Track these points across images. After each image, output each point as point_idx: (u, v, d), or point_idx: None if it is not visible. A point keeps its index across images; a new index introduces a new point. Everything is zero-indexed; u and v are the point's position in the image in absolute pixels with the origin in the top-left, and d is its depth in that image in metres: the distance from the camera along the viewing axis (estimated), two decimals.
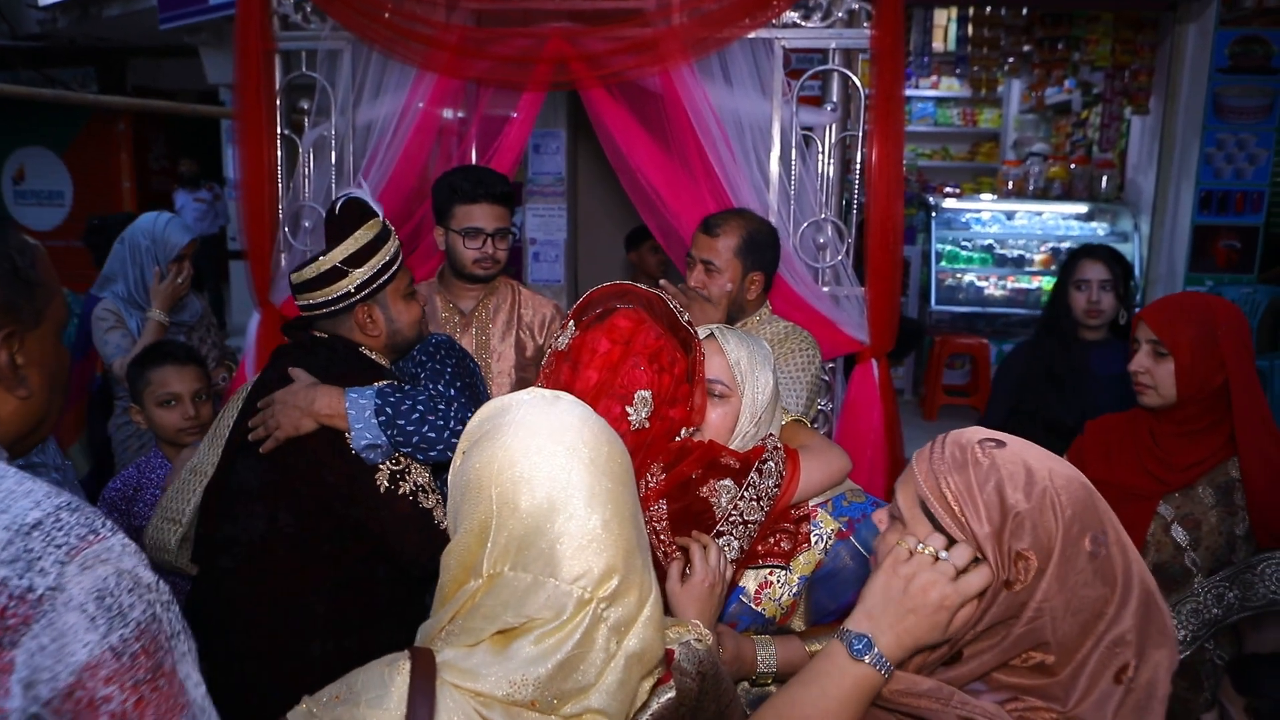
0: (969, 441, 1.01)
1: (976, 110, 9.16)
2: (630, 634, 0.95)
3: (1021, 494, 0.94)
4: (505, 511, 0.94)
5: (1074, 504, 0.95)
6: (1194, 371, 1.79)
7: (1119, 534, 0.97)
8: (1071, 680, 0.92)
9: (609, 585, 0.93)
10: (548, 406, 1.01)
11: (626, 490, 0.99)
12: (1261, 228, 5.61)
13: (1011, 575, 0.93)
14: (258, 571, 1.78)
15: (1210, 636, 1.82)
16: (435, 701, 0.90)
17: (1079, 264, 2.67)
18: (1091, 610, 0.93)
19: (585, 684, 0.92)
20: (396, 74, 2.97)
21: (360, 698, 0.93)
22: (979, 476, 0.96)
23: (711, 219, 2.29)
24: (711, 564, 1.33)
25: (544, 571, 0.92)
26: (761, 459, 1.41)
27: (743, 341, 1.54)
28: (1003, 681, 0.96)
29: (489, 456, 0.97)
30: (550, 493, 0.94)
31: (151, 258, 3.12)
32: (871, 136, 2.74)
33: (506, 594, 0.93)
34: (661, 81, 2.76)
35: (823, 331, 2.77)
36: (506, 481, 0.95)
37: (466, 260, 2.49)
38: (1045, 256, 6.58)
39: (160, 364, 2.40)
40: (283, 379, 1.85)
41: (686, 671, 1.02)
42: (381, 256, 1.92)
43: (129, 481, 2.38)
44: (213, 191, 9.36)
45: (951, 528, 0.97)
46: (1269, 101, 5.46)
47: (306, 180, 3.10)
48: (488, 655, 0.93)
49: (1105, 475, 1.94)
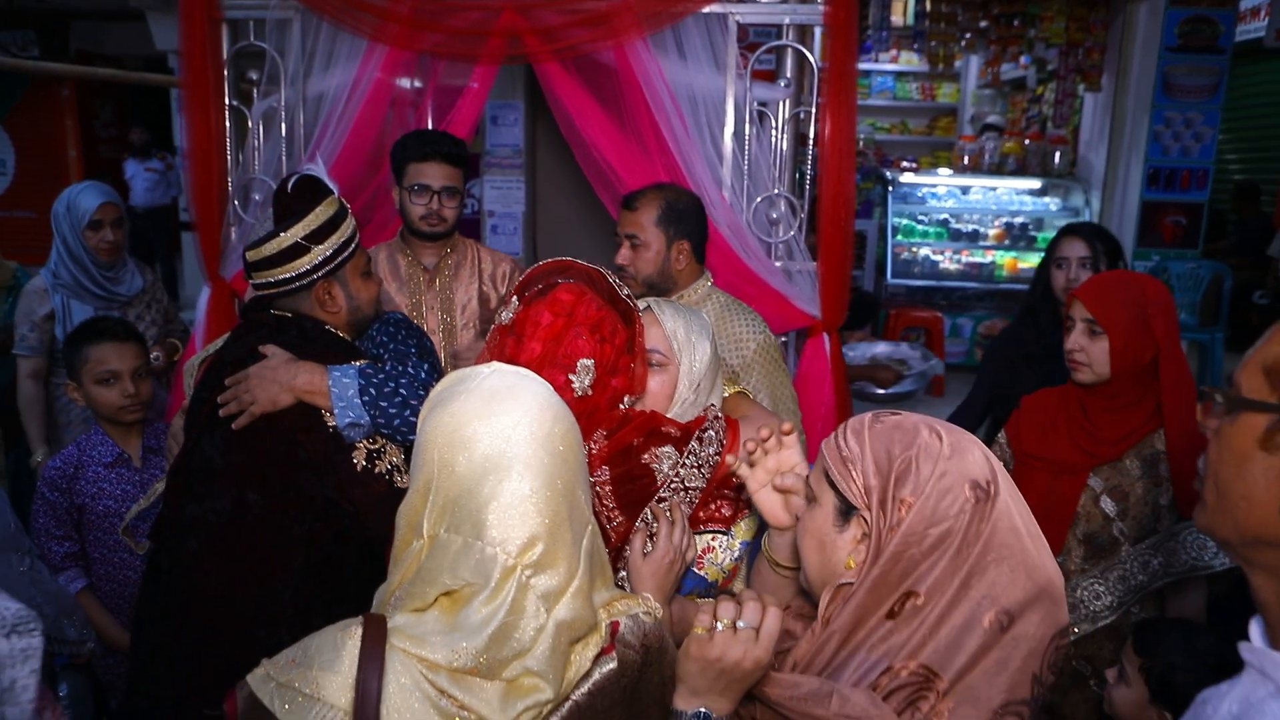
0: (866, 415, 1.10)
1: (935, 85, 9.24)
2: (560, 604, 0.98)
3: (903, 447, 1.02)
4: (444, 473, 0.98)
5: (957, 453, 1.01)
6: (1128, 349, 1.85)
7: (1014, 502, 1.01)
8: (940, 620, 0.96)
9: (532, 553, 0.96)
10: (504, 379, 1.05)
11: (565, 466, 1.02)
12: (1206, 205, 5.75)
13: (895, 520, 1.00)
14: (225, 554, 1.75)
15: (1136, 601, 1.90)
16: (384, 665, 0.94)
17: (1060, 241, 2.64)
18: (960, 552, 0.97)
19: (520, 650, 0.95)
20: (348, 44, 2.92)
21: (314, 661, 0.96)
22: (872, 438, 1.05)
23: (629, 195, 2.33)
24: (675, 541, 1.37)
25: (472, 534, 0.96)
26: (702, 428, 1.46)
27: (679, 313, 1.59)
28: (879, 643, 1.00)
29: (438, 420, 1.01)
30: (486, 458, 0.97)
31: (68, 225, 3.03)
32: (825, 111, 2.76)
33: (441, 556, 0.97)
34: (615, 56, 2.75)
35: (775, 306, 2.81)
36: (447, 445, 0.98)
37: (414, 216, 2.56)
38: (999, 231, 6.69)
39: (98, 341, 2.35)
40: (251, 356, 1.82)
41: (630, 644, 1.05)
42: (341, 234, 1.91)
43: (69, 460, 2.35)
44: (165, 161, 9.13)
45: (845, 486, 1.05)
46: (1215, 80, 5.57)
47: (256, 152, 3.05)
48: (436, 624, 0.97)
49: (1039, 450, 2.00)
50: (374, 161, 3.07)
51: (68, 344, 2.45)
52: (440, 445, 0.99)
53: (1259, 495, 0.80)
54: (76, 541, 2.35)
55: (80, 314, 3.02)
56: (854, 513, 1.05)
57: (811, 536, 1.10)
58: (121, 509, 2.33)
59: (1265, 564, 0.82)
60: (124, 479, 2.37)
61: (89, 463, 2.35)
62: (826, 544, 1.08)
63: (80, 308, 3.05)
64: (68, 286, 3.05)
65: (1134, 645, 1.63)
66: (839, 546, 1.06)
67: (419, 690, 0.94)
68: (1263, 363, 0.81)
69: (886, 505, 1.01)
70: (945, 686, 0.94)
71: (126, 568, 2.35)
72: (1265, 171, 7.71)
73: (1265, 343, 0.82)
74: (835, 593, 1.05)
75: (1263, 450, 0.79)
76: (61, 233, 3.04)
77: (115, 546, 2.34)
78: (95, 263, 3.05)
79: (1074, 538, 1.93)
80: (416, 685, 0.94)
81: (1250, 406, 0.80)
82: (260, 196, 3.00)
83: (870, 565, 1.00)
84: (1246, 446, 0.80)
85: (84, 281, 3.04)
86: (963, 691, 0.95)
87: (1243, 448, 0.80)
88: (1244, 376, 0.82)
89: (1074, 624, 1.92)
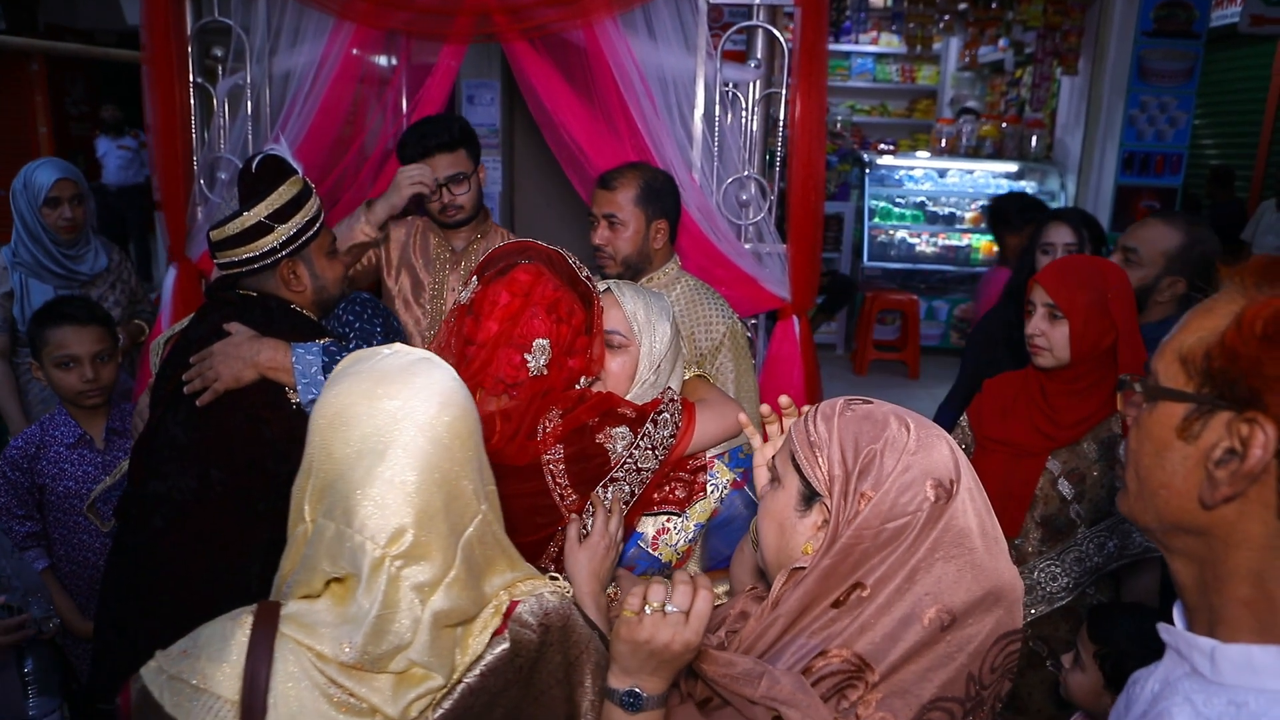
0: (839, 400, 1.08)
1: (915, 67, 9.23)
2: (436, 594, 0.95)
3: (870, 438, 1.00)
4: (322, 455, 0.95)
5: (923, 449, 0.99)
6: (1087, 334, 1.87)
7: (974, 501, 0.99)
8: (879, 612, 0.96)
9: (400, 543, 0.93)
10: (402, 360, 1.00)
11: (449, 455, 0.97)
12: (1180, 189, 5.79)
13: (853, 513, 0.98)
14: (190, 531, 1.75)
15: (1092, 583, 1.92)
16: (274, 654, 0.92)
17: (1045, 227, 2.65)
18: (911, 547, 0.96)
19: (400, 644, 0.93)
20: (315, 21, 2.88)
21: (203, 651, 0.94)
22: (841, 425, 1.03)
23: (606, 174, 2.32)
24: (611, 530, 1.39)
25: (343, 520, 0.93)
26: (657, 410, 1.47)
27: (639, 294, 1.59)
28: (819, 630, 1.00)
29: (325, 399, 0.97)
30: (363, 440, 0.93)
31: (25, 203, 2.96)
32: (795, 93, 2.75)
33: (319, 543, 0.94)
34: (585, 35, 2.73)
35: (745, 289, 2.81)
36: (329, 425, 0.95)
37: (433, 211, 2.60)
38: (975, 214, 6.71)
39: (58, 324, 2.31)
40: (215, 334, 1.83)
41: (527, 623, 1.03)
42: (305, 213, 1.91)
43: (31, 440, 2.32)
44: (138, 139, 8.99)
45: (810, 471, 1.04)
46: (1190, 65, 5.60)
47: (222, 131, 3.01)
48: (327, 614, 0.94)
49: (1000, 434, 2.02)
50: (342, 140, 3.04)
51: (31, 324, 2.42)
52: (322, 426, 0.95)
53: (1177, 484, 0.80)
54: (38, 521, 2.34)
55: (39, 293, 2.96)
56: (817, 498, 1.04)
57: (772, 519, 1.09)
58: (83, 490, 2.31)
59: (1183, 549, 0.83)
60: (86, 460, 2.34)
61: (51, 442, 2.33)
62: (786, 527, 1.07)
63: (39, 287, 2.99)
64: (26, 265, 2.98)
65: (1089, 631, 1.65)
66: (798, 531, 1.05)
67: (308, 679, 0.92)
68: (1178, 351, 0.80)
69: (848, 496, 0.99)
70: (875, 679, 0.94)
71: (87, 550, 2.33)
72: (1239, 157, 7.77)
73: (1180, 330, 0.82)
74: (789, 576, 1.05)
75: (1180, 439, 0.79)
76: (19, 210, 2.97)
77: (75, 528, 2.32)
78: (54, 241, 2.98)
79: (1032, 520, 1.95)
80: (306, 674, 0.92)
81: (1167, 395, 0.80)
82: (226, 176, 2.97)
83: (823, 554, 1.00)
84: (1165, 435, 0.80)
85: (42, 260, 2.98)
86: (894, 684, 0.94)
87: (1161, 436, 0.81)
88: (1161, 364, 0.82)
89: (1030, 605, 1.94)
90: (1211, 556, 0.80)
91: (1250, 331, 0.74)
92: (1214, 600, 0.80)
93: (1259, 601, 0.77)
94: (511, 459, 1.40)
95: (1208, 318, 0.79)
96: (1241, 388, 0.74)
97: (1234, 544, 0.79)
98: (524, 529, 1.42)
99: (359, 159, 3.05)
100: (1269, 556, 0.77)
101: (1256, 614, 0.77)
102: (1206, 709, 0.76)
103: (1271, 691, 0.74)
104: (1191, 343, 0.79)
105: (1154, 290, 2.31)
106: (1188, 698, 0.78)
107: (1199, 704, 0.77)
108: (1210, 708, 0.76)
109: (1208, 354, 0.77)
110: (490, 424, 1.39)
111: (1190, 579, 0.83)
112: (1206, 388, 0.78)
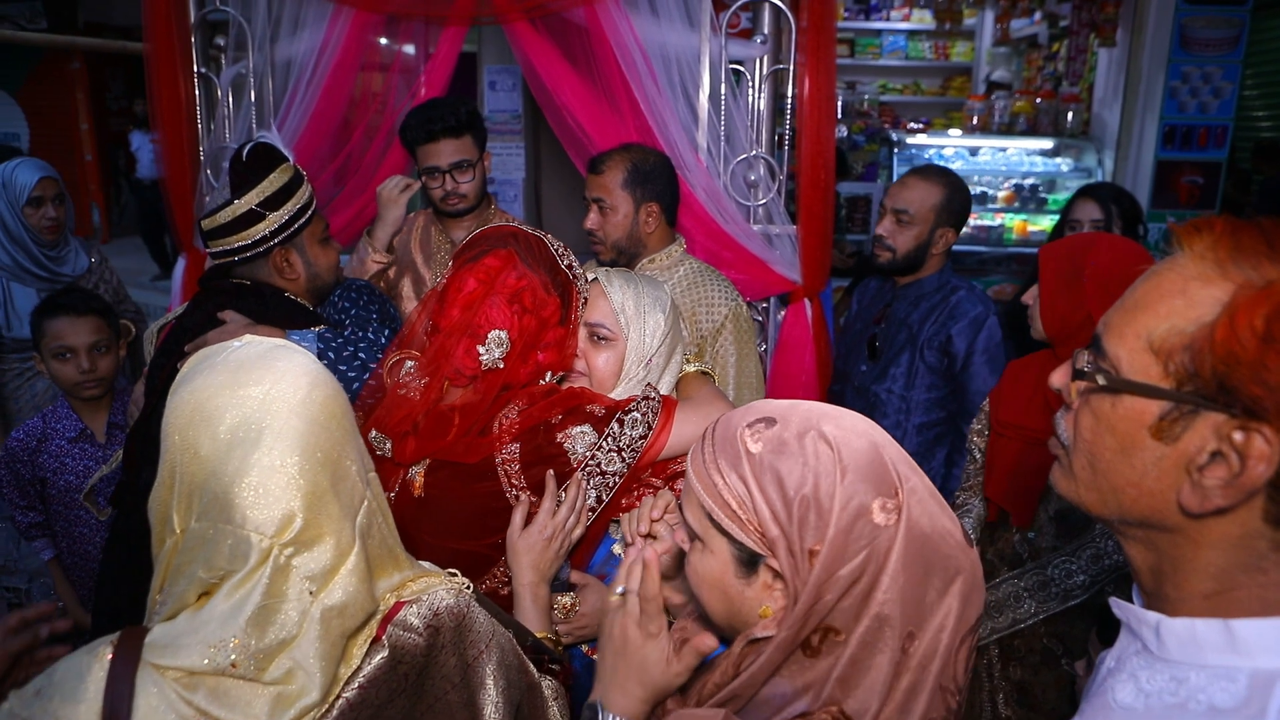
0: (736, 428, 0.91)
1: (948, 44, 8.98)
2: (332, 585, 0.89)
3: (796, 481, 0.85)
4: (186, 456, 0.89)
5: (853, 465, 0.86)
6: (1052, 306, 1.80)
7: (918, 489, 0.88)
8: (858, 659, 0.86)
9: (290, 530, 0.87)
10: (255, 349, 0.95)
11: (327, 434, 0.92)
12: (1224, 164, 5.55)
13: (805, 575, 0.85)
14: None
15: (1111, 581, 1.82)
16: (135, 688, 0.85)
17: (1074, 203, 2.60)
18: (872, 578, 0.85)
19: (286, 638, 0.86)
20: (314, 7, 2.85)
21: (56, 691, 0.87)
22: (755, 472, 0.87)
23: (596, 157, 2.25)
24: (558, 519, 1.31)
25: (221, 518, 0.86)
26: (625, 409, 1.38)
27: (629, 283, 1.51)
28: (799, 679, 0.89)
29: (178, 399, 0.92)
30: (232, 430, 0.88)
31: (5, 203, 2.89)
32: (803, 70, 2.66)
33: (193, 549, 0.88)
34: (586, 14, 2.66)
35: (754, 271, 2.73)
36: (189, 424, 0.89)
37: (434, 200, 2.54)
38: (1009, 193, 6.51)
39: (55, 315, 2.31)
40: (209, 322, 1.83)
41: (411, 627, 0.96)
42: (297, 200, 1.92)
43: (33, 432, 2.33)
44: None
45: (741, 538, 0.88)
46: (1236, 33, 5.35)
47: (227, 120, 3.00)
48: (186, 623, 0.87)
49: (1015, 418, 1.92)
50: (345, 127, 3.01)
51: (33, 316, 2.42)
52: (181, 426, 0.89)
53: (1150, 484, 0.72)
54: (41, 512, 2.35)
55: (23, 298, 2.91)
56: (759, 560, 0.89)
57: (710, 587, 0.93)
58: (84, 485, 2.32)
59: (1143, 539, 0.78)
60: (87, 454, 2.35)
61: (52, 435, 2.34)
62: (732, 595, 0.92)
63: (23, 291, 2.93)
64: (8, 269, 2.91)
65: (1099, 634, 1.56)
66: (747, 597, 0.91)
67: (175, 712, 0.85)
68: (1147, 339, 0.71)
69: (795, 555, 0.85)
70: None
71: (88, 542, 2.34)
72: None
73: (1139, 310, 0.72)
74: (748, 647, 0.91)
75: (1155, 439, 0.71)
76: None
77: (76, 520, 2.33)
78: (37, 242, 2.92)
79: (1045, 514, 1.85)
80: (171, 707, 0.85)
81: (1139, 392, 0.71)
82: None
83: (784, 624, 0.87)
84: (1133, 433, 0.72)
85: (24, 263, 2.91)
86: None
87: (1129, 433, 0.73)
88: (1124, 350, 0.73)
89: (1045, 602, 1.85)
90: (1175, 552, 0.75)
91: (1249, 330, 0.66)
92: (1170, 591, 0.76)
93: (1219, 595, 0.73)
94: (461, 456, 1.34)
95: (1178, 300, 0.70)
96: (1242, 394, 0.66)
97: (1205, 544, 0.72)
98: (473, 532, 1.35)
99: (363, 144, 3.02)
100: (1239, 555, 0.71)
101: (1214, 608, 0.73)
102: (1149, 685, 0.75)
103: (1213, 667, 0.71)
104: (1164, 331, 0.70)
105: (930, 244, 2.49)
106: (1133, 674, 0.77)
107: (1143, 680, 0.76)
108: (1152, 684, 0.74)
109: (1192, 349, 0.69)
110: (447, 419, 1.33)
111: (1146, 566, 0.79)
112: (1189, 386, 0.69)
